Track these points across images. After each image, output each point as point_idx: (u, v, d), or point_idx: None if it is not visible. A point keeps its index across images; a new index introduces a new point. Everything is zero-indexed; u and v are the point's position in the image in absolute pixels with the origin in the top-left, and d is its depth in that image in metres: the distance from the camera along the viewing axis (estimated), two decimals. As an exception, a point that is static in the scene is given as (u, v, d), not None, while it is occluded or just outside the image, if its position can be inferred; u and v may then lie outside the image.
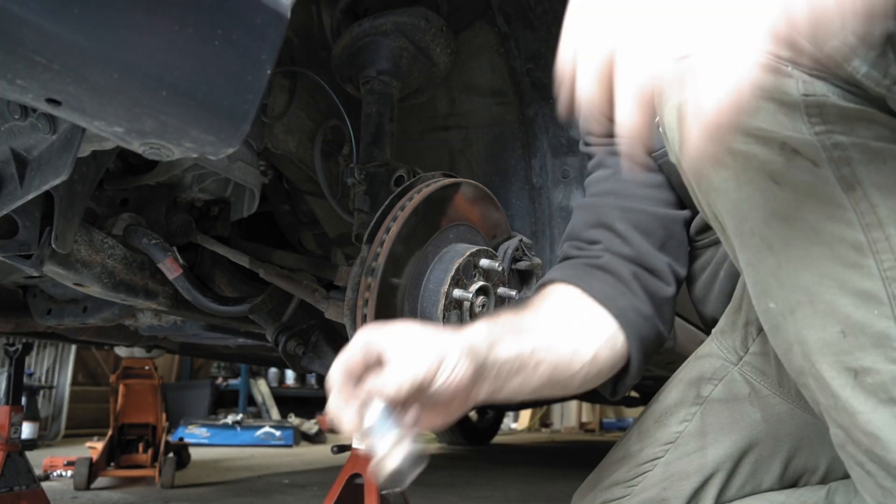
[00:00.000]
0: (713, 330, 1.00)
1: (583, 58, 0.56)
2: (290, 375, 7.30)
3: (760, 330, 0.89)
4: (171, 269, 1.37)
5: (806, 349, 0.67)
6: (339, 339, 1.61)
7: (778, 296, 0.68)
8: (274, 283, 1.43)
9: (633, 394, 4.95)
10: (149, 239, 1.35)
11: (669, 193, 1.01)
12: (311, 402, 6.82)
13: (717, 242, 1.00)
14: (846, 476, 0.87)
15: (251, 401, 6.57)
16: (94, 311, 1.66)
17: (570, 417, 8.23)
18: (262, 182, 1.39)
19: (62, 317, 1.72)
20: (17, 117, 0.82)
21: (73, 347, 5.34)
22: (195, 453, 3.93)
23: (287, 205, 1.70)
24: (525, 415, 7.99)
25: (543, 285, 1.00)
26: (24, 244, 1.11)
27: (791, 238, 0.65)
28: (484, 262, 1.17)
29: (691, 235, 1.03)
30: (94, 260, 1.30)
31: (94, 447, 3.23)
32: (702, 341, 1.02)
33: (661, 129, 0.71)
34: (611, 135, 0.93)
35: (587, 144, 1.11)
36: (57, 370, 5.49)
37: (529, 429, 7.97)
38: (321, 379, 7.29)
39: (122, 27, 0.59)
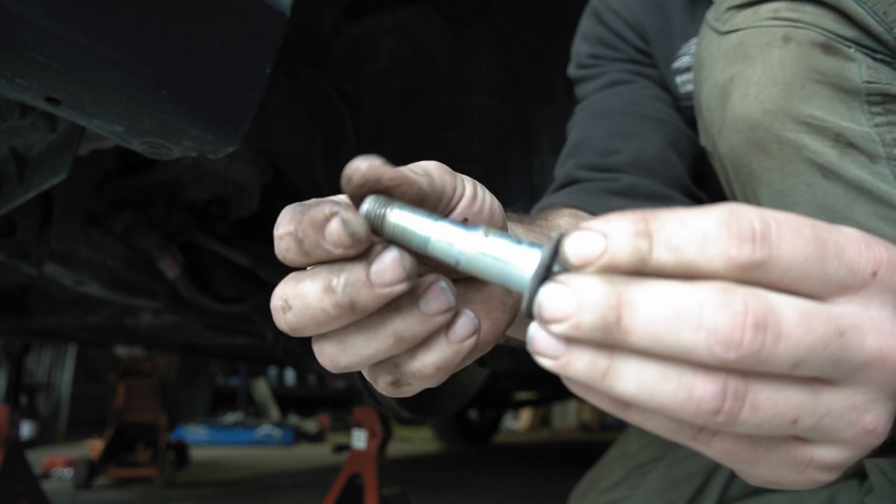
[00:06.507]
0: None
1: None
2: (290, 375, 7.31)
3: None
4: (170, 268, 1.37)
5: None
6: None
7: None
8: (273, 282, 1.43)
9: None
10: (149, 238, 1.35)
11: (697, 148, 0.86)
12: (311, 401, 6.83)
13: None
14: (848, 477, 0.87)
15: (251, 400, 6.57)
16: (93, 311, 1.66)
17: (569, 417, 8.23)
18: (262, 181, 1.39)
19: (62, 316, 1.72)
20: (16, 116, 0.81)
21: (74, 347, 5.34)
22: (195, 453, 3.93)
23: (287, 204, 1.70)
24: (525, 414, 7.99)
25: (543, 210, 0.79)
26: (24, 243, 1.11)
27: None
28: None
29: None
30: (94, 259, 1.30)
31: (94, 446, 3.23)
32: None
33: (695, 107, 0.66)
34: (635, 60, 0.90)
35: (593, 65, 0.95)
36: (57, 369, 5.50)
37: (529, 428, 7.97)
38: (321, 378, 7.29)
39: (122, 26, 0.59)
